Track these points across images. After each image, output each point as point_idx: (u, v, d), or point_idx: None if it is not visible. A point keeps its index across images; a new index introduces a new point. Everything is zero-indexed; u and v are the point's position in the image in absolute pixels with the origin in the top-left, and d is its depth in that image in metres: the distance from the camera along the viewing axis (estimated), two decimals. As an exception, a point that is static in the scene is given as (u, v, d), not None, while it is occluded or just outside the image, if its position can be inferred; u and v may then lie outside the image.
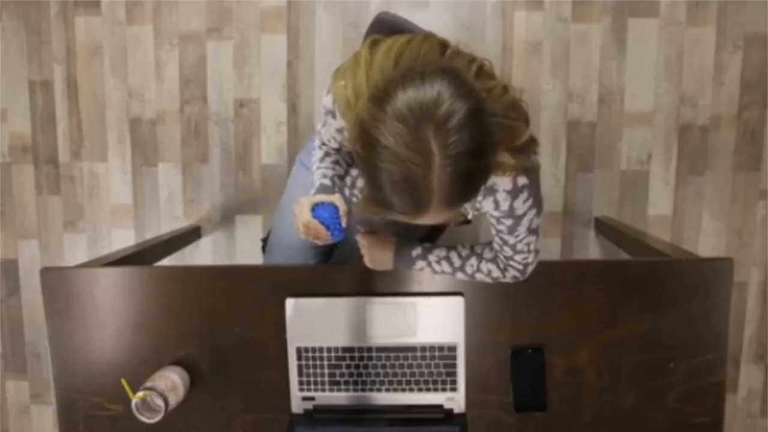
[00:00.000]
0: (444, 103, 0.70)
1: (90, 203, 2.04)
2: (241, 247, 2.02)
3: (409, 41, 0.85)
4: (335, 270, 1.24)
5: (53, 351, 1.19)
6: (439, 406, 1.19)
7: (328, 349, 1.18)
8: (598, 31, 1.89)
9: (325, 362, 1.18)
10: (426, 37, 0.87)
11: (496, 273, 1.09)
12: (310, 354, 1.18)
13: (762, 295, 1.98)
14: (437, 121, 0.69)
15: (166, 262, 1.74)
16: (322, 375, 1.19)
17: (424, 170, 0.70)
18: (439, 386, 1.18)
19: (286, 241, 1.34)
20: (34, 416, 2.14)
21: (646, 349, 1.17)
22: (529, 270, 1.07)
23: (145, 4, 1.94)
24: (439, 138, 0.69)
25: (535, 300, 1.17)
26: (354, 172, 1.11)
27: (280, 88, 1.95)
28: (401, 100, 0.71)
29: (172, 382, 1.12)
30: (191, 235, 1.96)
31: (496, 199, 0.95)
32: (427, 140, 0.70)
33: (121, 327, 1.18)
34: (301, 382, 1.19)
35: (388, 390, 1.19)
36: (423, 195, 0.73)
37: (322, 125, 1.03)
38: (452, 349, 1.18)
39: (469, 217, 1.06)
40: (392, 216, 0.79)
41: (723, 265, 1.16)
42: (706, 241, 1.96)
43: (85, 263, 1.28)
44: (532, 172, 0.93)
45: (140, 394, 1.06)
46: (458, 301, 1.17)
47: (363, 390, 1.19)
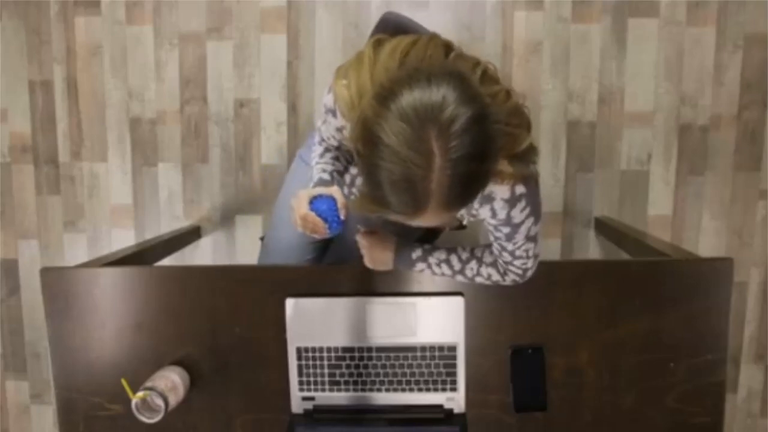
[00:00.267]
0: (449, 107, 0.70)
1: (90, 203, 2.04)
2: (241, 247, 2.02)
3: (414, 42, 0.85)
4: (335, 270, 1.23)
5: (53, 351, 1.19)
6: (439, 406, 1.19)
7: (328, 349, 1.18)
8: (598, 31, 1.89)
9: (325, 362, 1.18)
10: (431, 38, 0.87)
11: (495, 277, 1.09)
12: (310, 354, 1.18)
13: (762, 295, 1.98)
14: (441, 124, 0.69)
15: (166, 262, 1.74)
16: (322, 375, 1.19)
17: (424, 171, 0.70)
18: (439, 386, 1.18)
19: (283, 234, 1.34)
20: (34, 416, 2.14)
21: (646, 349, 1.17)
22: (528, 274, 1.07)
23: (145, 4, 1.94)
24: (441, 140, 0.69)
25: (535, 300, 1.17)
26: (353, 170, 1.11)
27: (280, 88, 1.95)
28: (406, 100, 0.71)
29: (172, 382, 1.12)
30: (191, 235, 1.96)
31: (493, 208, 0.94)
32: (429, 141, 0.70)
33: (121, 327, 1.18)
34: (301, 382, 1.19)
35: (388, 390, 1.19)
36: (421, 196, 0.72)
37: (322, 122, 1.03)
38: (452, 349, 1.17)
39: (464, 222, 1.06)
40: (389, 215, 0.79)
41: (723, 265, 1.16)
42: (706, 241, 1.96)
43: (85, 263, 1.28)
44: (531, 180, 0.92)
45: (140, 394, 1.06)
46: (458, 301, 1.17)
47: (363, 390, 1.19)
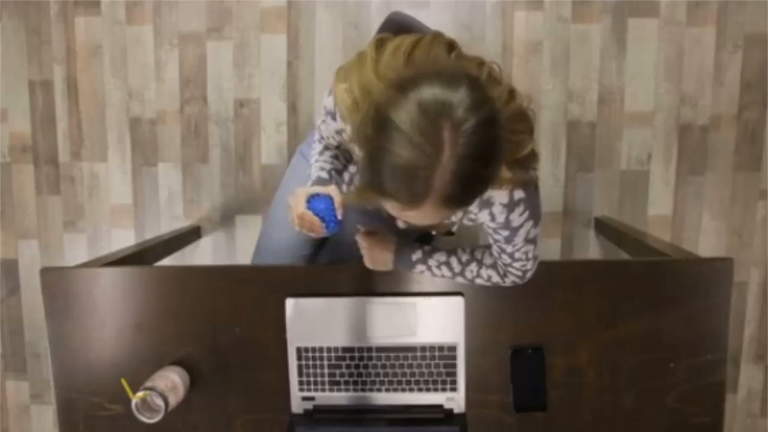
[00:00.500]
0: (465, 106, 0.70)
1: (90, 203, 2.04)
2: (241, 247, 2.02)
3: (417, 41, 0.85)
4: (335, 270, 1.23)
5: (53, 351, 1.19)
6: (439, 406, 1.19)
7: (328, 349, 1.18)
8: (598, 31, 1.89)
9: (325, 362, 1.18)
10: (434, 37, 0.87)
11: (495, 278, 1.09)
12: (310, 354, 1.18)
13: (762, 295, 1.98)
14: (454, 121, 0.70)
15: (166, 262, 1.74)
16: (322, 375, 1.19)
17: (430, 160, 0.70)
18: (439, 386, 1.18)
19: (279, 231, 1.34)
20: (34, 416, 2.14)
21: (646, 349, 1.17)
22: (528, 276, 1.07)
23: (145, 4, 1.94)
24: (452, 135, 0.70)
25: (535, 300, 1.17)
26: (352, 168, 1.11)
27: (280, 88, 1.95)
28: (427, 92, 0.71)
29: (172, 382, 1.12)
30: (191, 235, 1.96)
31: (492, 212, 0.94)
32: (441, 133, 0.70)
33: (121, 327, 1.18)
34: (301, 382, 1.19)
35: (388, 390, 1.19)
36: (422, 187, 0.72)
37: (322, 122, 1.03)
38: (452, 349, 1.17)
39: (454, 229, 1.06)
40: (384, 205, 0.78)
41: (723, 265, 1.16)
42: (706, 241, 1.96)
43: (85, 263, 1.28)
44: (530, 185, 0.92)
45: (140, 394, 1.06)
46: (458, 301, 1.17)
47: (363, 390, 1.19)
